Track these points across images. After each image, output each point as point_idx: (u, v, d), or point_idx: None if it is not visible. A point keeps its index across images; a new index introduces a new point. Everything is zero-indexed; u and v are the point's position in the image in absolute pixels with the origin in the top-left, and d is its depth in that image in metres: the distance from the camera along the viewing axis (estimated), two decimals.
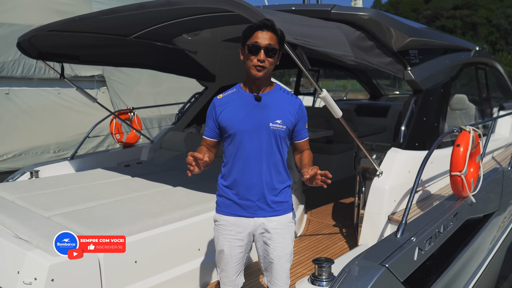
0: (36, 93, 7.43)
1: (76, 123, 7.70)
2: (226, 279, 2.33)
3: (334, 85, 30.15)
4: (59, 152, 7.52)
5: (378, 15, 3.59)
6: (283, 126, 2.18)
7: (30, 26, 7.04)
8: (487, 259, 3.66)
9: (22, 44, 4.01)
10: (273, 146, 2.19)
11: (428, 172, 3.73)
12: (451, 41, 4.99)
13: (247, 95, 2.19)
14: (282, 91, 2.24)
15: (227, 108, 2.19)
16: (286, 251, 2.26)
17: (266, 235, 2.25)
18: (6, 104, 7.02)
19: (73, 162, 5.03)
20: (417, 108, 3.90)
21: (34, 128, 7.25)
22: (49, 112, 7.50)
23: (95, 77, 8.15)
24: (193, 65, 5.58)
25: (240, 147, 2.17)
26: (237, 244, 2.26)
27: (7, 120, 6.97)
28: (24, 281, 2.40)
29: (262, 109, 2.17)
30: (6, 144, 6.91)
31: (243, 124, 2.15)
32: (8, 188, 3.87)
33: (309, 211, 4.88)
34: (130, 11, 2.89)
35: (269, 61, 2.09)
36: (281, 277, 2.28)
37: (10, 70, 7.02)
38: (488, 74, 6.31)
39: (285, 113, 2.19)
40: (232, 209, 2.24)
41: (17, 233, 2.82)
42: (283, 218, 2.26)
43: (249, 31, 2.09)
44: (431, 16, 53.31)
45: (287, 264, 2.29)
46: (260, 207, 2.21)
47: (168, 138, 5.55)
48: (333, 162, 6.29)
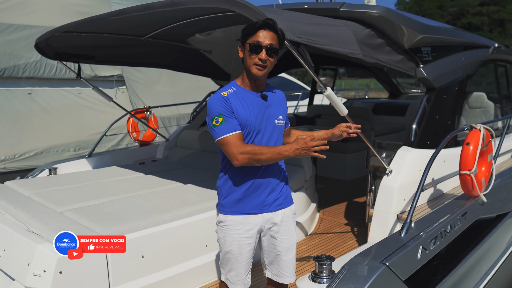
0: (57, 93, 7.60)
1: (95, 122, 7.84)
2: (236, 278, 2.30)
3: (357, 83, 29.88)
4: (79, 151, 7.69)
5: (387, 13, 3.56)
6: (283, 121, 2.31)
7: (51, 28, 7.20)
8: (500, 260, 3.59)
9: (40, 45, 4.14)
10: (278, 142, 2.28)
11: (441, 171, 3.68)
12: (468, 38, 4.88)
13: (252, 93, 2.21)
14: (273, 88, 2.33)
15: (238, 106, 2.14)
16: (292, 242, 2.36)
17: (274, 229, 2.31)
18: (28, 104, 7.21)
19: (91, 160, 5.16)
20: (430, 106, 3.85)
21: (55, 127, 7.43)
22: (70, 111, 7.67)
23: (114, 77, 8.28)
24: (208, 64, 5.63)
25: (253, 143, 2.18)
26: (246, 242, 2.26)
27: (29, 119, 7.15)
28: (34, 273, 2.49)
29: (269, 107, 2.24)
30: (28, 142, 7.09)
31: (257, 122, 2.18)
32: (26, 184, 4.01)
33: (321, 210, 4.87)
34: (137, 12, 2.95)
35: (270, 60, 2.12)
36: (289, 268, 2.36)
37: (33, 71, 7.21)
38: (509, 71, 6.15)
39: (283, 109, 2.32)
40: (240, 208, 2.24)
41: (30, 227, 2.92)
42: (287, 211, 2.35)
43: (251, 29, 2.10)
44: (456, 13, 52.03)
45: (293, 256, 2.38)
46: (269, 203, 2.26)
47: (183, 136, 5.63)
48: (348, 161, 6.26)
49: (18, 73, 7.05)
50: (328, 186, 5.92)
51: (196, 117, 6.12)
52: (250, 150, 2.08)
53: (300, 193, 4.13)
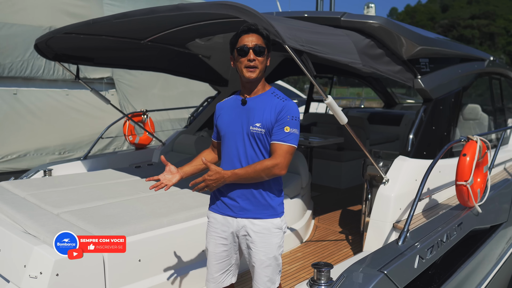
0: (44, 94, 7.34)
1: (82, 125, 7.63)
2: (209, 275, 2.42)
3: (349, 92, 30.05)
4: (64, 154, 7.45)
5: (388, 23, 3.60)
6: (262, 130, 2.17)
7: (40, 27, 7.06)
8: (493, 270, 3.62)
9: (39, 45, 4.12)
10: (255, 150, 2.20)
11: (436, 181, 3.72)
12: (465, 50, 4.95)
13: (238, 99, 2.27)
14: (273, 95, 2.23)
15: (222, 113, 2.32)
16: (268, 257, 2.24)
17: (249, 238, 2.26)
18: (13, 104, 6.95)
19: (86, 162, 5.14)
20: (426, 116, 3.89)
21: (39, 129, 7.19)
22: (56, 113, 7.42)
23: (104, 79, 8.09)
24: (207, 70, 5.66)
25: (226, 149, 2.27)
26: (220, 242, 2.33)
27: (13, 120, 6.89)
28: (30, 275, 2.47)
29: (245, 113, 2.22)
30: (11, 144, 6.86)
31: (229, 127, 2.25)
32: (21, 185, 3.98)
33: (316, 217, 4.88)
34: (141, 15, 2.96)
35: (259, 60, 2.15)
36: (262, 280, 2.27)
37: (19, 71, 6.95)
38: (503, 84, 6.24)
39: (265, 116, 2.16)
40: (220, 208, 2.32)
41: (26, 228, 2.90)
42: (267, 223, 2.24)
43: (235, 38, 2.18)
44: (448, 26, 52.70)
45: (269, 270, 2.26)
46: (244, 208, 2.24)
47: (180, 141, 5.63)
48: (343, 169, 6.29)
49: (4, 73, 6.81)
50: (323, 194, 5.94)
51: (193, 121, 6.13)
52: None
53: (296, 200, 4.14)
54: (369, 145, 6.66)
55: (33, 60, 7.04)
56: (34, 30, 6.80)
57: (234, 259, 2.40)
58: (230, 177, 2.15)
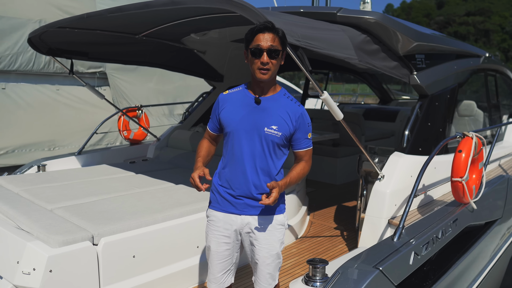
0: (33, 89, 7.15)
1: (72, 121, 7.47)
2: (211, 276, 2.36)
3: (344, 89, 30.08)
4: (54, 150, 7.29)
5: (384, 19, 3.58)
6: (278, 133, 2.17)
7: (29, 20, 6.89)
8: (488, 266, 3.64)
9: (33, 39, 4.08)
10: (265, 150, 2.19)
11: (431, 177, 3.72)
12: (460, 46, 4.95)
13: (249, 96, 2.22)
14: (286, 97, 2.22)
15: (228, 106, 2.24)
16: (271, 253, 2.26)
17: (252, 235, 2.26)
18: (1, 99, 6.76)
19: (80, 158, 5.10)
20: (422, 113, 3.89)
21: (29, 125, 7.01)
22: (46, 108, 7.23)
23: (96, 74, 7.92)
24: (202, 65, 5.63)
25: (234, 146, 2.21)
26: (223, 241, 2.29)
27: (1, 115, 6.71)
28: (23, 271, 2.45)
29: (260, 112, 2.18)
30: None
31: (240, 124, 2.18)
32: (15, 180, 3.94)
33: (312, 213, 4.88)
34: (136, 10, 2.93)
35: (273, 62, 2.11)
36: (265, 277, 2.28)
37: (7, 65, 6.72)
38: (498, 81, 6.25)
39: (283, 119, 2.17)
40: (222, 206, 2.28)
41: (19, 224, 2.87)
42: (271, 220, 2.27)
43: (251, 35, 2.12)
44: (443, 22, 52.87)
45: (271, 267, 2.27)
46: (249, 205, 2.23)
47: (174, 136, 5.60)
48: (338, 165, 6.29)
49: None
50: (318, 190, 5.94)
51: (188, 117, 6.10)
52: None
53: (292, 196, 4.13)
54: (365, 141, 6.67)
55: (22, 54, 6.82)
56: (23, 23, 6.68)
57: (235, 258, 2.37)
58: (283, 186, 2.15)
